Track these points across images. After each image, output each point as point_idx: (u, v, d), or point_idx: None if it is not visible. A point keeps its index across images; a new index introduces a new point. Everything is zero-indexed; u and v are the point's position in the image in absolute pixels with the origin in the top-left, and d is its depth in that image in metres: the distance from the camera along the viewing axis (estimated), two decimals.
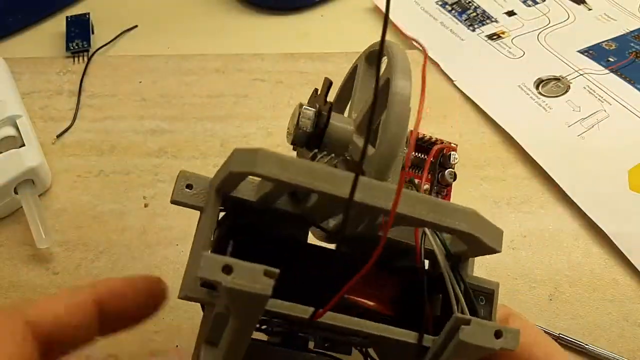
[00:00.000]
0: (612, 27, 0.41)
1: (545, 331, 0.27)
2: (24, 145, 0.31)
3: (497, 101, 0.37)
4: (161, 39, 0.41)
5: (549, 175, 0.33)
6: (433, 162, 0.20)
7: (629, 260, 0.29)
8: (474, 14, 0.43)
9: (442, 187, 0.20)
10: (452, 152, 0.20)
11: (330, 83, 0.20)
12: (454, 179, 0.20)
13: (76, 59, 0.38)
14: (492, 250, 0.16)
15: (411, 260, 0.17)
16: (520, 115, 0.36)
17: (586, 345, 0.26)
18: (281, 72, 0.38)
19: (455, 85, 0.38)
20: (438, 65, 0.39)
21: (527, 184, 0.33)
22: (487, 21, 0.42)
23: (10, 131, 0.31)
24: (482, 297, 0.18)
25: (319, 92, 0.19)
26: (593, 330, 0.27)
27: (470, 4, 0.43)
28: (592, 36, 0.41)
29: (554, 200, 0.32)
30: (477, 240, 0.16)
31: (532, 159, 0.34)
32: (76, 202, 0.31)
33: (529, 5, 0.43)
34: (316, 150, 0.18)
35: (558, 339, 0.27)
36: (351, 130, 0.19)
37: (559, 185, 0.32)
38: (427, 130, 0.34)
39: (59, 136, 0.34)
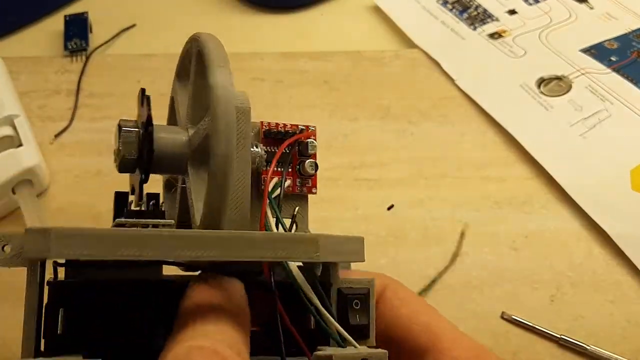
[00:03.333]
0: (614, 26, 0.41)
1: (546, 332, 0.27)
2: (21, 145, 0.31)
3: (498, 100, 0.36)
4: (160, 38, 0.40)
5: (550, 175, 0.33)
6: (286, 153, 0.19)
7: (631, 261, 0.29)
8: (475, 12, 0.42)
9: (305, 179, 0.19)
10: (309, 140, 0.19)
11: (144, 92, 0.17)
12: (316, 169, 0.19)
13: (74, 58, 0.38)
14: (355, 260, 0.16)
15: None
16: (522, 115, 0.36)
17: (588, 346, 0.26)
18: (281, 71, 0.38)
19: (456, 85, 0.38)
20: (439, 65, 0.39)
21: (529, 184, 0.33)
22: (489, 20, 0.42)
23: (7, 131, 0.31)
24: (357, 301, 0.17)
25: (143, 105, 0.17)
26: (595, 332, 0.27)
27: (472, 3, 0.43)
28: (594, 35, 0.40)
29: (555, 200, 0.32)
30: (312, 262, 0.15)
31: (534, 158, 0.33)
32: (74, 202, 0.31)
33: (531, 4, 0.43)
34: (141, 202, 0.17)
35: (560, 340, 0.27)
36: (186, 152, 0.17)
37: (560, 186, 0.32)
38: (424, 129, 0.33)
39: (57, 136, 0.34)
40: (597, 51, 0.39)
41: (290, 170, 0.19)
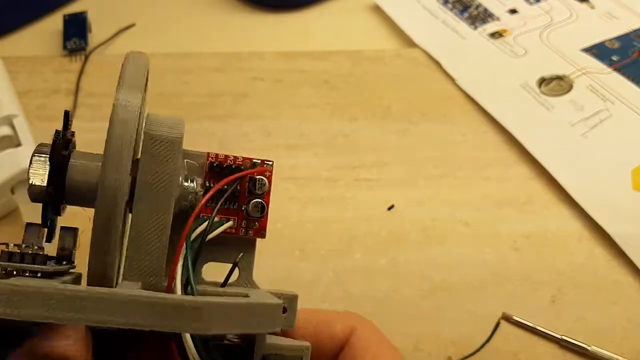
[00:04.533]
0: (616, 26, 0.41)
1: (547, 333, 0.27)
2: (20, 145, 0.30)
3: (499, 100, 0.36)
4: (159, 38, 0.40)
5: (551, 175, 0.32)
6: (227, 189, 0.16)
7: (632, 261, 0.29)
8: (476, 12, 0.42)
9: (251, 221, 0.16)
10: (258, 177, 0.16)
11: (67, 114, 0.16)
12: (261, 212, 0.16)
13: (73, 57, 0.38)
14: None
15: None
16: (523, 115, 0.35)
17: (589, 347, 0.26)
18: (281, 71, 0.38)
19: (456, 84, 0.37)
20: (439, 64, 0.39)
21: (530, 184, 0.33)
22: (489, 19, 0.42)
23: (6, 131, 0.31)
24: None
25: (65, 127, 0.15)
26: (596, 332, 0.27)
27: (472, 2, 0.43)
28: (595, 35, 0.40)
29: (556, 200, 0.32)
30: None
31: (534, 158, 0.33)
32: None
33: (532, 4, 0.43)
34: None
35: (561, 341, 0.27)
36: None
37: (561, 186, 0.32)
38: (426, 129, 0.33)
39: None
40: (598, 51, 0.39)
41: (236, 209, 0.17)
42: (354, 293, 0.28)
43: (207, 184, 0.16)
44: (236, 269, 0.16)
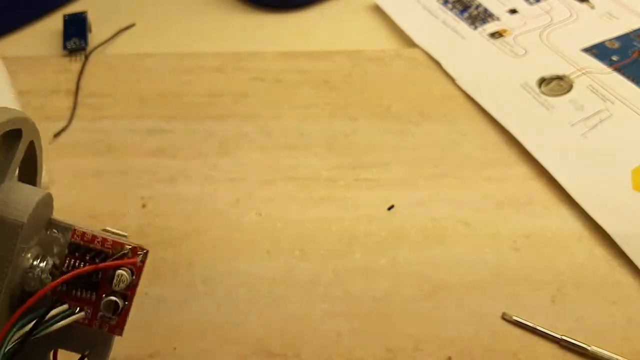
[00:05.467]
0: (616, 26, 0.41)
1: (547, 333, 0.27)
2: None
3: (499, 100, 0.36)
4: (159, 38, 0.40)
5: (551, 175, 0.32)
6: (75, 279, 0.14)
7: (632, 261, 0.29)
8: (476, 12, 0.42)
9: (105, 318, 0.15)
10: (119, 272, 0.15)
11: None
12: (114, 312, 0.15)
13: (73, 57, 0.38)
14: None
15: None
16: (523, 115, 0.35)
17: (589, 347, 0.26)
18: (281, 71, 0.38)
19: (456, 84, 0.38)
20: (439, 64, 0.39)
21: (530, 184, 0.33)
22: (489, 19, 0.42)
23: None
24: None
25: None
26: (596, 332, 0.27)
27: (472, 2, 0.43)
28: (595, 35, 0.40)
29: (556, 200, 0.32)
30: None
31: (535, 158, 0.33)
32: (73, 203, 0.31)
33: (532, 4, 0.43)
34: None
35: (561, 341, 0.27)
36: None
37: (561, 186, 0.32)
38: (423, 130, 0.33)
39: (55, 136, 0.34)
40: (598, 51, 0.39)
41: (94, 299, 0.15)
42: (353, 293, 0.28)
43: (68, 265, 0.14)
44: None
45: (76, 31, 0.39)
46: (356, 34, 0.41)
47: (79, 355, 0.15)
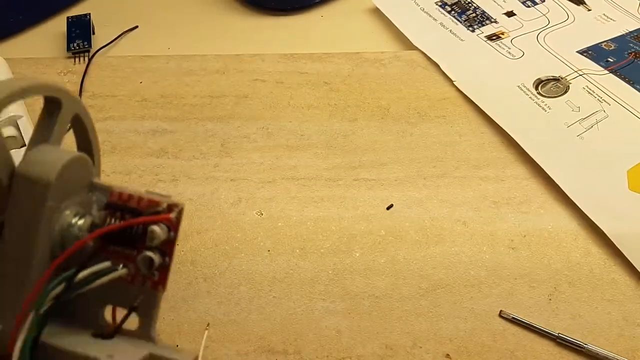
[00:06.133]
0: (612, 28, 0.42)
1: (544, 331, 0.27)
2: (25, 145, 0.31)
3: (496, 101, 0.37)
4: (162, 40, 0.41)
5: (548, 176, 0.33)
6: (114, 235, 0.14)
7: (628, 260, 0.29)
8: (474, 14, 0.43)
9: (148, 275, 0.15)
10: (151, 228, 0.14)
11: None
12: (149, 267, 0.14)
13: (77, 59, 0.38)
14: None
15: None
16: (520, 116, 0.36)
17: (585, 345, 0.27)
18: (281, 73, 0.38)
19: (454, 86, 0.38)
20: (438, 66, 0.39)
21: (527, 184, 0.33)
22: (487, 22, 0.42)
23: (11, 131, 0.31)
24: None
25: None
26: (592, 330, 0.27)
27: (470, 5, 0.43)
28: (592, 37, 0.41)
29: (553, 200, 0.32)
30: None
31: (532, 159, 0.34)
32: None
33: (529, 6, 0.43)
34: None
35: (557, 338, 0.27)
36: None
37: (558, 186, 0.32)
38: (424, 129, 0.33)
39: None
40: (595, 52, 0.40)
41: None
42: (353, 291, 0.28)
43: (107, 224, 0.15)
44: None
45: (80, 33, 0.39)
46: (356, 36, 0.42)
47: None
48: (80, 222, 0.15)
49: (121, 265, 0.15)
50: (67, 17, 0.40)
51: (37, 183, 0.14)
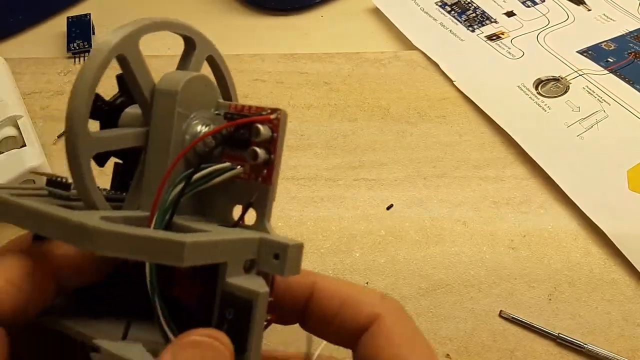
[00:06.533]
0: (611, 28, 0.42)
1: (544, 331, 0.27)
2: (25, 145, 0.31)
3: (496, 101, 0.37)
4: (162, 40, 0.41)
5: (548, 176, 0.33)
6: (228, 137, 0.17)
7: (628, 260, 0.30)
8: (474, 14, 0.43)
9: (258, 168, 0.17)
10: (255, 125, 0.17)
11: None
12: (254, 158, 0.17)
13: (77, 59, 0.38)
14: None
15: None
16: (520, 116, 0.36)
17: (585, 344, 0.27)
18: (281, 73, 0.38)
19: (454, 86, 0.38)
20: (437, 66, 0.39)
21: (527, 184, 0.33)
22: (487, 22, 0.42)
23: (11, 131, 0.31)
24: (232, 309, 0.15)
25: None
26: (592, 330, 0.27)
27: (470, 5, 0.43)
28: (592, 37, 0.41)
29: (553, 200, 0.32)
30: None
31: (532, 159, 0.34)
32: None
33: (529, 6, 0.43)
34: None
35: (557, 338, 0.27)
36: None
37: (558, 186, 0.32)
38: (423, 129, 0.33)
39: (60, 136, 0.34)
40: (595, 52, 0.40)
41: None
42: None
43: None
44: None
45: (80, 33, 0.39)
46: (356, 37, 0.42)
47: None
48: (206, 129, 0.17)
49: (238, 166, 0.17)
50: (67, 17, 0.40)
51: (168, 94, 0.17)
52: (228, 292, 0.15)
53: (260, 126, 0.17)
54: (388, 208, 0.32)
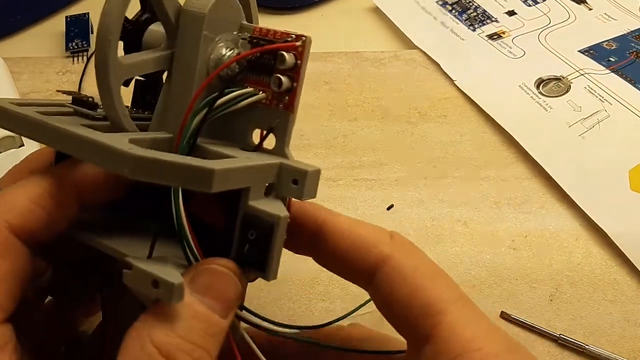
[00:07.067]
0: (613, 27, 0.41)
1: (545, 332, 0.27)
2: (23, 145, 0.31)
3: (497, 101, 0.37)
4: None
5: (549, 175, 0.33)
6: (252, 63, 0.17)
7: (629, 260, 0.29)
8: (475, 13, 0.43)
9: (280, 95, 0.18)
10: (280, 53, 0.17)
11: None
12: (278, 86, 0.17)
13: (75, 58, 0.38)
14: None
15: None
16: (521, 115, 0.36)
17: (587, 345, 0.26)
18: None
19: (455, 85, 0.38)
20: (438, 65, 0.39)
21: (528, 184, 0.33)
22: (488, 21, 0.42)
23: (9, 131, 0.31)
24: (253, 231, 0.16)
25: None
26: (594, 331, 0.27)
27: (471, 4, 0.43)
28: (593, 36, 0.41)
29: (554, 200, 0.32)
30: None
31: (533, 158, 0.34)
32: None
33: (530, 5, 0.43)
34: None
35: (558, 339, 0.27)
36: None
37: (559, 185, 0.32)
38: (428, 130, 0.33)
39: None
40: (596, 52, 0.39)
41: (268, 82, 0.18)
42: (353, 291, 0.28)
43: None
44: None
45: (78, 32, 0.39)
46: (356, 36, 0.42)
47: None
48: (230, 52, 0.18)
49: (261, 91, 0.18)
50: (66, 17, 0.40)
51: (196, 15, 0.17)
52: (250, 214, 0.16)
53: (285, 54, 0.17)
54: (388, 208, 0.32)
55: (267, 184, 0.16)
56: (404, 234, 0.30)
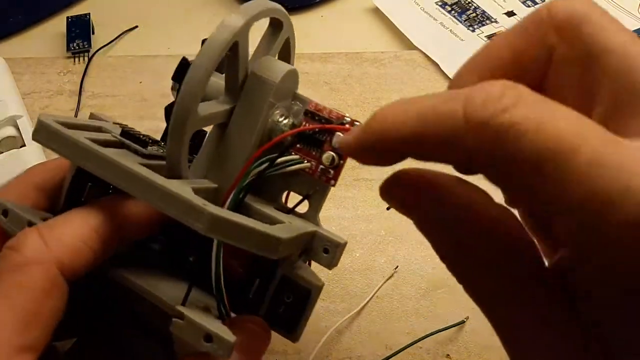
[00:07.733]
0: None
1: None
2: (24, 145, 0.31)
3: None
4: (161, 39, 0.41)
5: None
6: (306, 135, 0.19)
7: None
8: (474, 14, 0.43)
9: (326, 168, 0.19)
10: (337, 133, 0.19)
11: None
12: (331, 164, 0.19)
13: (77, 59, 0.38)
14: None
15: None
16: None
17: None
18: None
19: None
20: (438, 66, 0.39)
21: None
22: (487, 22, 0.42)
23: (11, 131, 0.31)
24: (290, 294, 0.17)
25: None
26: None
27: (470, 5, 0.43)
28: None
29: None
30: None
31: None
32: None
33: (529, 6, 0.43)
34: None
35: None
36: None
37: None
38: None
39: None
40: None
41: (318, 155, 0.20)
42: (353, 291, 0.28)
43: (304, 125, 0.19)
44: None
45: (80, 33, 0.39)
46: (356, 36, 0.42)
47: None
48: (285, 121, 0.19)
49: (305, 160, 0.19)
50: (67, 17, 0.40)
51: (266, 82, 0.18)
52: (288, 278, 0.17)
53: (341, 135, 0.19)
54: (388, 208, 0.31)
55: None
56: (404, 234, 0.31)
